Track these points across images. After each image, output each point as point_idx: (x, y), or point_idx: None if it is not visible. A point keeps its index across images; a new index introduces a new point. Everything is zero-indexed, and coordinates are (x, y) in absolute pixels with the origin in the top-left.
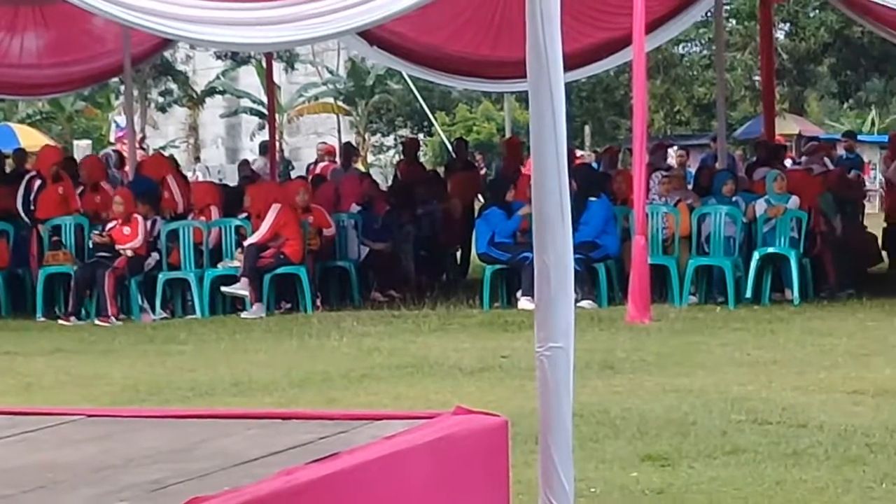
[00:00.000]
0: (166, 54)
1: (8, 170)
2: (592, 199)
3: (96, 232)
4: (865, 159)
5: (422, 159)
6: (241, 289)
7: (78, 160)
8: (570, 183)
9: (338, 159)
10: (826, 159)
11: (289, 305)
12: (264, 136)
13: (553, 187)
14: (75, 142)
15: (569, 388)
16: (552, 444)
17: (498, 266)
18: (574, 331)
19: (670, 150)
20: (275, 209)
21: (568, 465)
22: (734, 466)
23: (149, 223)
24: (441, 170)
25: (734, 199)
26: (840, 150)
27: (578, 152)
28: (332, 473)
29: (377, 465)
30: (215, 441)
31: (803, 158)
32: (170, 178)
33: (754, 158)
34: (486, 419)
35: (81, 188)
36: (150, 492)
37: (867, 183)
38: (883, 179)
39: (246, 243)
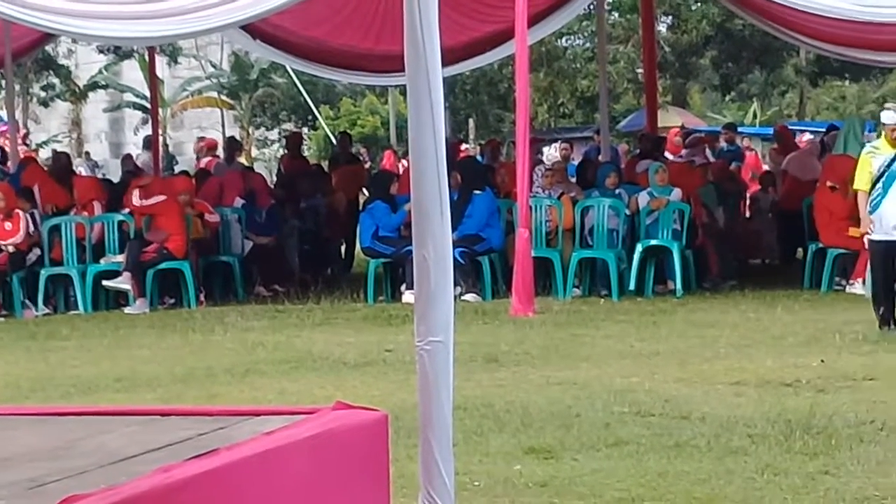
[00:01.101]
0: (48, 48)
1: None
2: (477, 192)
3: None
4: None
5: (306, 153)
6: (123, 283)
7: None
8: (455, 176)
9: (221, 153)
10: (707, 151)
11: (172, 301)
12: (148, 130)
13: (432, 181)
14: None
15: (449, 382)
16: (432, 439)
17: (382, 260)
18: (457, 324)
19: (554, 146)
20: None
21: (448, 459)
22: (617, 458)
23: (29, 216)
24: (325, 164)
25: (617, 191)
26: (721, 143)
27: (463, 146)
28: (210, 470)
29: (256, 461)
30: (94, 438)
31: (685, 151)
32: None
33: (637, 151)
34: (366, 414)
35: None
36: (27, 489)
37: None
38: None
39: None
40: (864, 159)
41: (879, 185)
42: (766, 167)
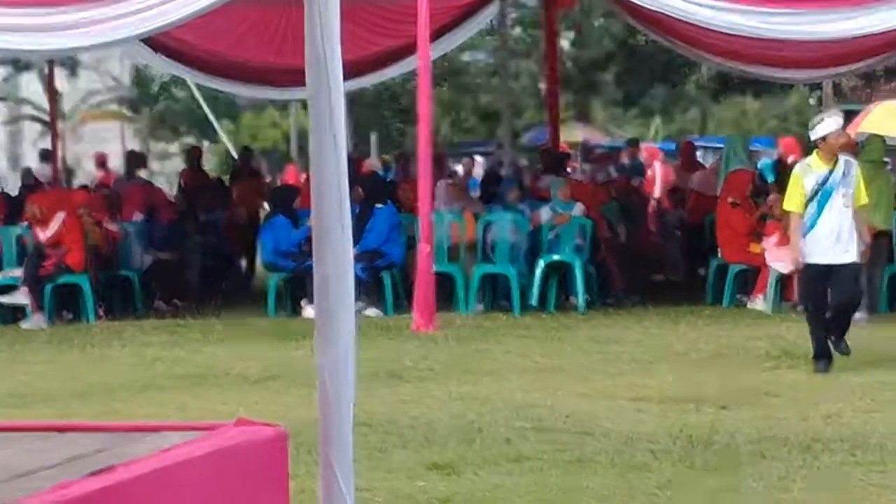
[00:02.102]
0: None
1: None
2: (378, 206)
3: None
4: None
5: (207, 167)
6: (21, 298)
7: None
8: (357, 191)
9: (112, 167)
10: (610, 167)
11: (70, 316)
12: (47, 143)
13: (333, 196)
14: None
15: (349, 398)
16: (332, 455)
17: (283, 275)
18: (359, 340)
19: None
20: (59, 218)
21: (348, 475)
22: (519, 474)
23: None
24: (226, 178)
25: (519, 206)
26: (624, 158)
27: (368, 161)
28: (108, 487)
29: (154, 478)
30: None
31: (588, 166)
32: None
33: (540, 166)
34: (266, 430)
35: None
36: None
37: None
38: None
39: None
40: (795, 178)
41: (813, 204)
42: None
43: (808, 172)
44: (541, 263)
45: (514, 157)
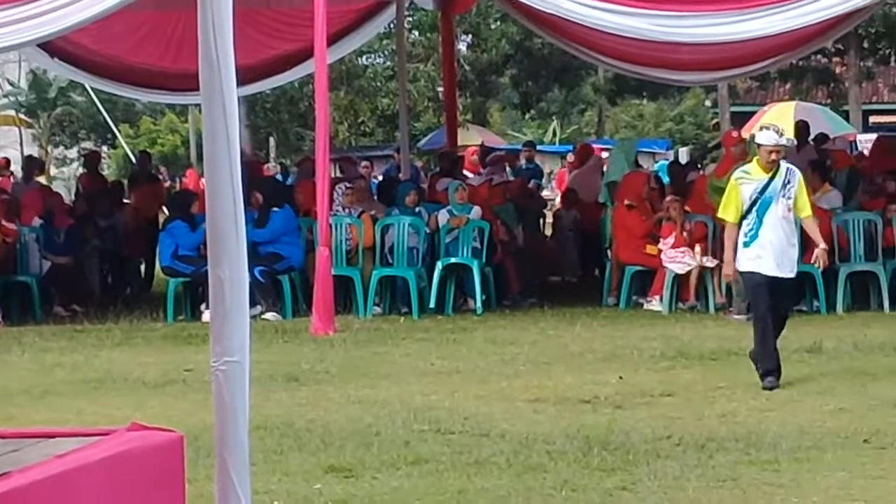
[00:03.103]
0: None
1: None
2: (276, 210)
3: None
4: (546, 169)
5: (106, 172)
6: None
7: None
8: (255, 195)
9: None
10: (507, 169)
11: None
12: None
13: (227, 201)
14: None
15: (245, 402)
16: (228, 459)
17: (182, 279)
18: (257, 343)
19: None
20: None
21: (244, 478)
22: (417, 476)
23: None
24: (125, 182)
25: (417, 209)
26: (521, 161)
27: (267, 164)
28: (2, 492)
29: (49, 484)
30: None
31: (486, 169)
32: None
33: (437, 169)
34: (161, 435)
35: None
36: None
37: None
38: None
39: None
40: (732, 186)
41: (752, 214)
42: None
43: (746, 180)
44: (438, 266)
45: (412, 160)
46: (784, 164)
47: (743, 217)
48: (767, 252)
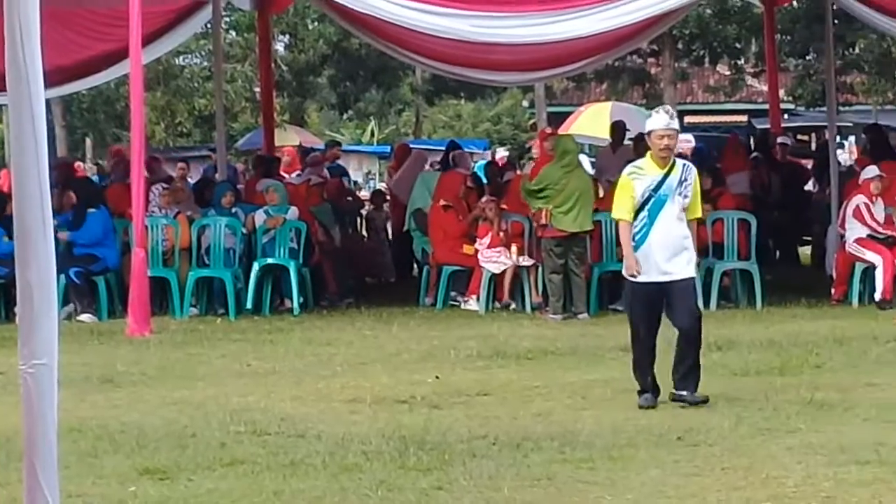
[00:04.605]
0: None
1: None
2: (92, 211)
3: None
4: (365, 169)
5: None
6: None
7: None
8: (69, 195)
9: None
10: (326, 170)
11: None
12: None
13: (34, 203)
14: None
15: (53, 405)
16: (37, 462)
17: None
18: (72, 345)
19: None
20: None
21: (53, 482)
22: (233, 478)
23: None
24: None
25: (234, 210)
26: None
27: (80, 164)
28: None
29: None
30: None
31: (308, 169)
32: None
33: (255, 170)
34: None
35: None
36: None
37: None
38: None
39: None
40: (624, 183)
41: (644, 214)
42: (381, 186)
43: (638, 176)
44: (255, 267)
45: (231, 161)
46: (680, 161)
47: (634, 217)
48: (655, 257)
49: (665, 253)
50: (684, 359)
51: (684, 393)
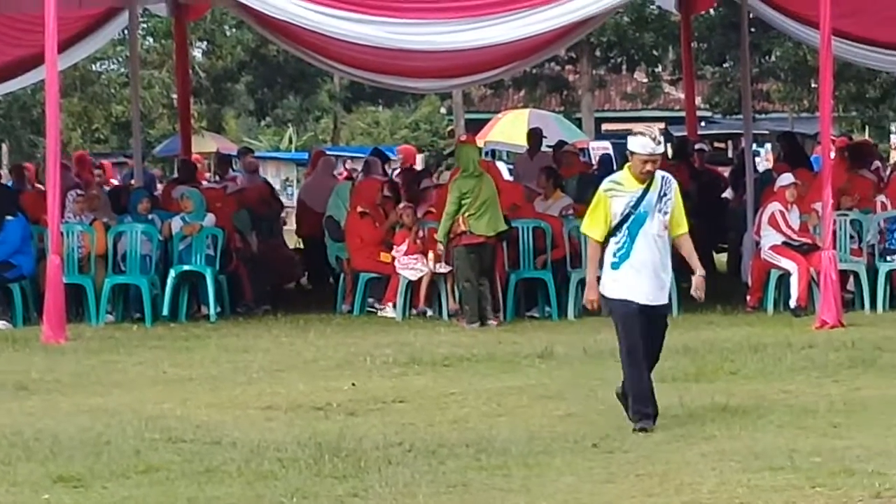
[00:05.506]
0: None
1: None
2: (9, 218)
3: None
4: (283, 176)
5: None
6: None
7: None
8: None
9: None
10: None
11: None
12: None
13: None
14: None
15: None
16: None
17: None
18: None
19: None
20: None
21: None
22: (148, 485)
23: None
24: None
25: (150, 216)
26: (239, 167)
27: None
28: None
29: None
30: None
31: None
32: None
33: (174, 176)
34: None
35: None
36: None
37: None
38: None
39: None
40: (600, 199)
41: (623, 232)
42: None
43: (616, 193)
44: (172, 274)
45: (148, 167)
46: (659, 174)
47: (611, 234)
48: (642, 276)
49: (648, 271)
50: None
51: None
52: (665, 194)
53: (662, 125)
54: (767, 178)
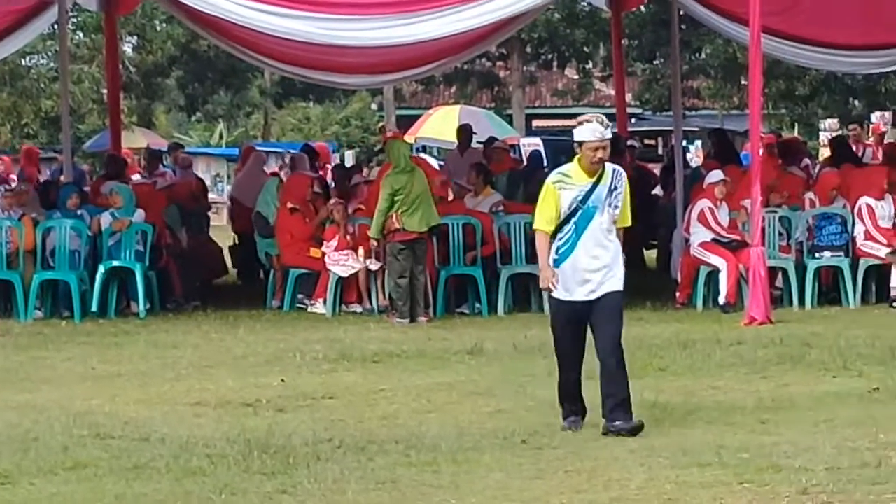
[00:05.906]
0: None
1: None
2: None
3: None
4: (213, 172)
5: None
6: None
7: None
8: None
9: None
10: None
11: None
12: None
13: None
14: None
15: None
16: None
17: None
18: None
19: None
20: None
21: None
22: (76, 482)
23: None
24: None
25: (79, 212)
26: (169, 161)
27: None
28: None
29: None
30: None
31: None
32: None
33: (103, 172)
34: None
35: None
36: None
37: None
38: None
39: None
40: (549, 191)
41: (569, 226)
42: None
43: (565, 186)
44: (101, 269)
45: (78, 163)
46: (609, 166)
47: (556, 230)
48: (578, 274)
49: (591, 268)
50: (612, 394)
51: (618, 423)
52: (616, 188)
53: None
54: (697, 174)
